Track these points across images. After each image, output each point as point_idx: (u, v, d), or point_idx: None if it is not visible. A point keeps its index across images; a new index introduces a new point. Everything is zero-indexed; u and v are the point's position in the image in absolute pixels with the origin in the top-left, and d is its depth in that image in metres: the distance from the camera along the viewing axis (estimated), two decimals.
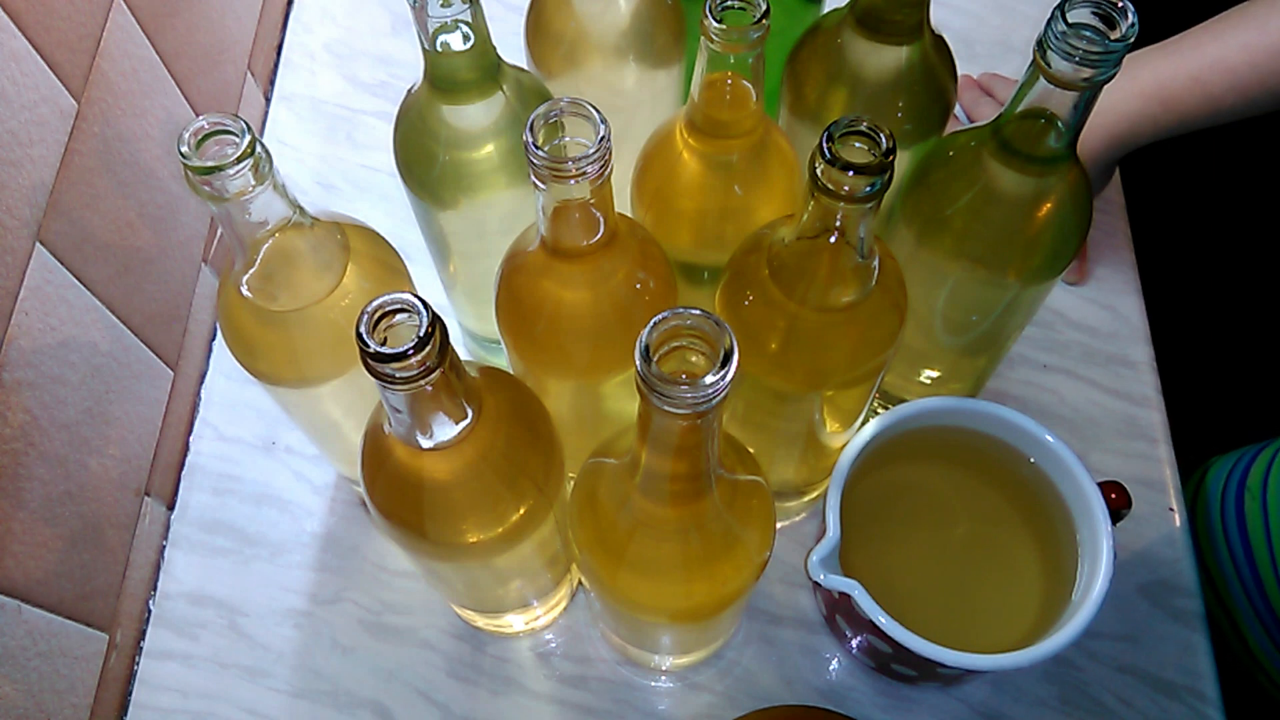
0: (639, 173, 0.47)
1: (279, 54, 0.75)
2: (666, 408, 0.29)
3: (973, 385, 0.58)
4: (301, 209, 0.38)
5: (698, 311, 0.29)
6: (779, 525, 0.48)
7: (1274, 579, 0.60)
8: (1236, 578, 0.63)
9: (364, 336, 0.29)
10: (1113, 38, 0.35)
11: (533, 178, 0.34)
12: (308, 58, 0.74)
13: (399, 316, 0.30)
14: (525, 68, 0.47)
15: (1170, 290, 0.81)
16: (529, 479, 0.39)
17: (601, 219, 0.37)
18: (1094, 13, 0.36)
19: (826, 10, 0.50)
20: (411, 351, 0.29)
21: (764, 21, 0.38)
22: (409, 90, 0.45)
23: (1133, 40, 0.35)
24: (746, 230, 0.43)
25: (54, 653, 0.47)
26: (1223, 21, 0.56)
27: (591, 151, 0.33)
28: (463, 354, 0.61)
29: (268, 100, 0.73)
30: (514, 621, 0.53)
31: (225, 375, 0.62)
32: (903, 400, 0.55)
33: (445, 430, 0.35)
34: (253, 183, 0.34)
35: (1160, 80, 0.56)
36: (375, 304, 0.30)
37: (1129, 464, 0.60)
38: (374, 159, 0.70)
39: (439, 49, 0.40)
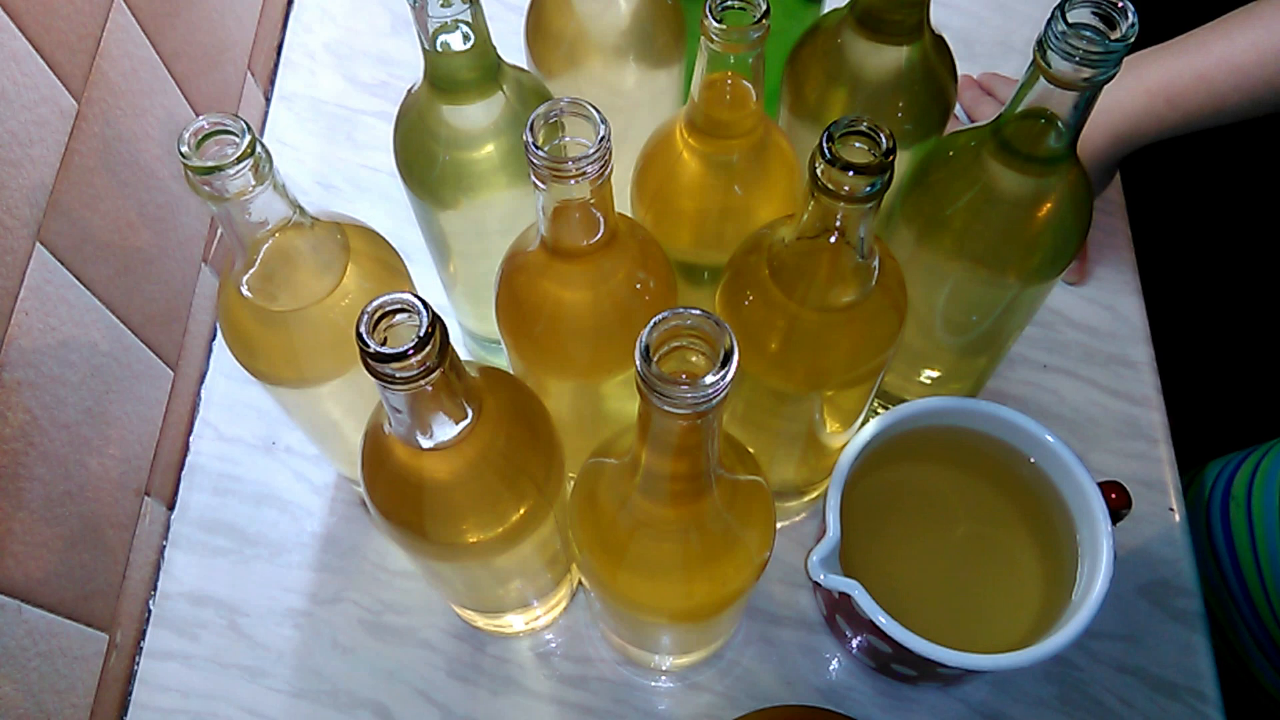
0: (639, 173, 0.47)
1: (279, 54, 0.75)
2: (666, 408, 0.29)
3: (973, 385, 0.58)
4: (301, 209, 0.38)
5: (698, 311, 0.29)
6: (779, 525, 0.48)
7: (1261, 590, 0.60)
8: (1226, 590, 0.63)
9: (364, 336, 0.29)
10: (1113, 38, 0.35)
11: (533, 178, 0.34)
12: (308, 58, 0.74)
13: (399, 316, 0.30)
14: (525, 68, 0.47)
15: (1170, 290, 0.81)
16: (529, 479, 0.39)
17: (601, 219, 0.37)
18: (1094, 13, 0.36)
19: (826, 10, 0.50)
20: (411, 351, 0.29)
21: (764, 21, 0.38)
22: (409, 90, 0.45)
23: (1133, 40, 0.35)
24: (746, 230, 0.43)
25: (54, 653, 0.47)
26: (1230, 21, 0.56)
27: (591, 151, 0.33)
28: (463, 354, 0.61)
29: (268, 100, 0.73)
30: (514, 621, 0.53)
31: (225, 375, 0.62)
32: (903, 400, 0.55)
33: (445, 430, 0.35)
34: (253, 183, 0.34)
35: (1166, 78, 0.56)
36: (375, 304, 0.30)
37: (1129, 464, 0.60)
38: (374, 159, 0.70)
39: (439, 49, 0.40)
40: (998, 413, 0.49)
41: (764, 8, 0.38)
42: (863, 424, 0.49)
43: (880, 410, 0.56)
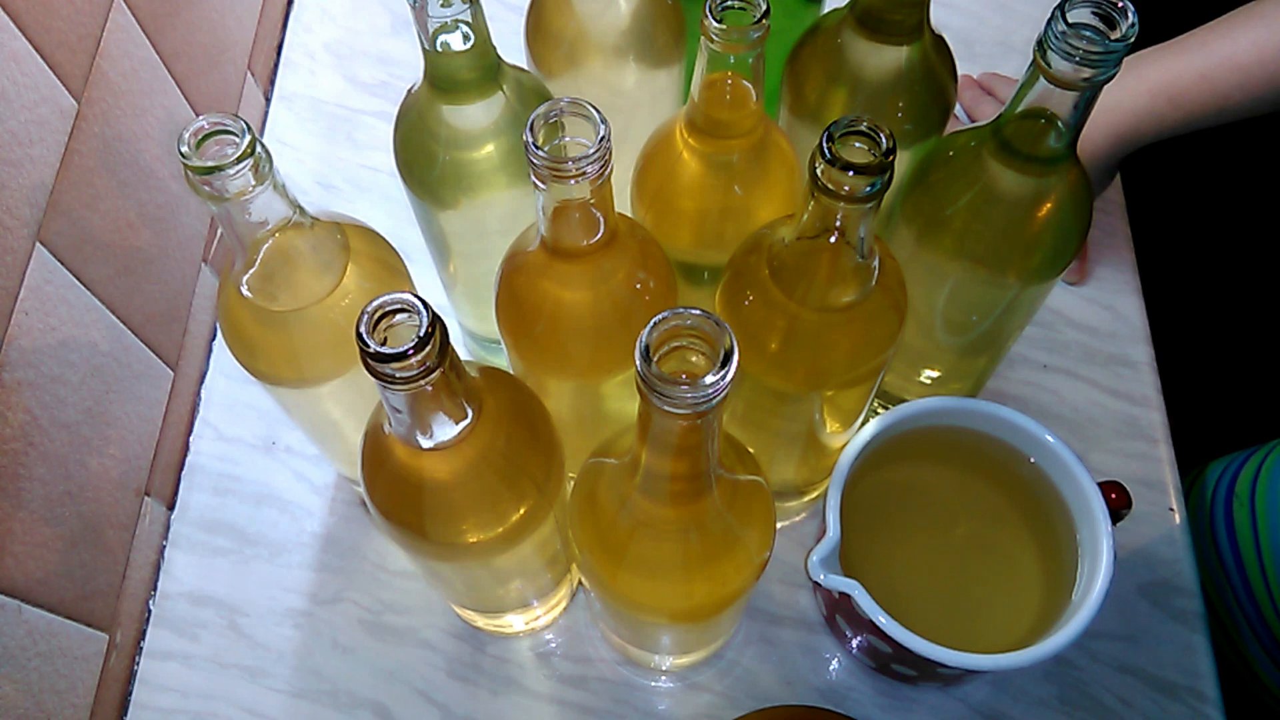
0: (639, 173, 0.47)
1: (279, 54, 0.75)
2: (666, 408, 0.29)
3: (973, 385, 0.58)
4: (301, 209, 0.38)
5: (698, 311, 0.29)
6: (779, 525, 0.48)
7: (1264, 589, 0.60)
8: (1229, 588, 0.63)
9: (364, 336, 0.29)
10: (1113, 38, 0.35)
11: (533, 178, 0.34)
12: (308, 58, 0.74)
13: (399, 316, 0.30)
14: (525, 68, 0.47)
15: (1170, 290, 0.81)
16: (529, 479, 0.39)
17: (601, 219, 0.37)
18: (1094, 13, 0.36)
19: (826, 10, 0.50)
20: (411, 351, 0.29)
21: (764, 21, 0.38)
22: (409, 90, 0.45)
23: (1133, 40, 0.35)
24: (746, 230, 0.43)
25: (54, 653, 0.47)
26: (1231, 20, 0.56)
27: (591, 151, 0.33)
28: (463, 354, 0.61)
29: (268, 100, 0.73)
30: (514, 621, 0.53)
31: (225, 375, 0.62)
32: (903, 400, 0.55)
33: (445, 430, 0.35)
34: (253, 183, 0.34)
35: (1168, 77, 0.56)
36: (375, 304, 0.30)
37: (1129, 464, 0.60)
38: (374, 159, 0.70)
39: (439, 49, 0.40)
40: (998, 413, 0.49)
41: (764, 8, 0.38)
42: (863, 424, 0.49)
43: (880, 410, 0.56)
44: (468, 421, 0.35)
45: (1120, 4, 0.35)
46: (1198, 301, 1.08)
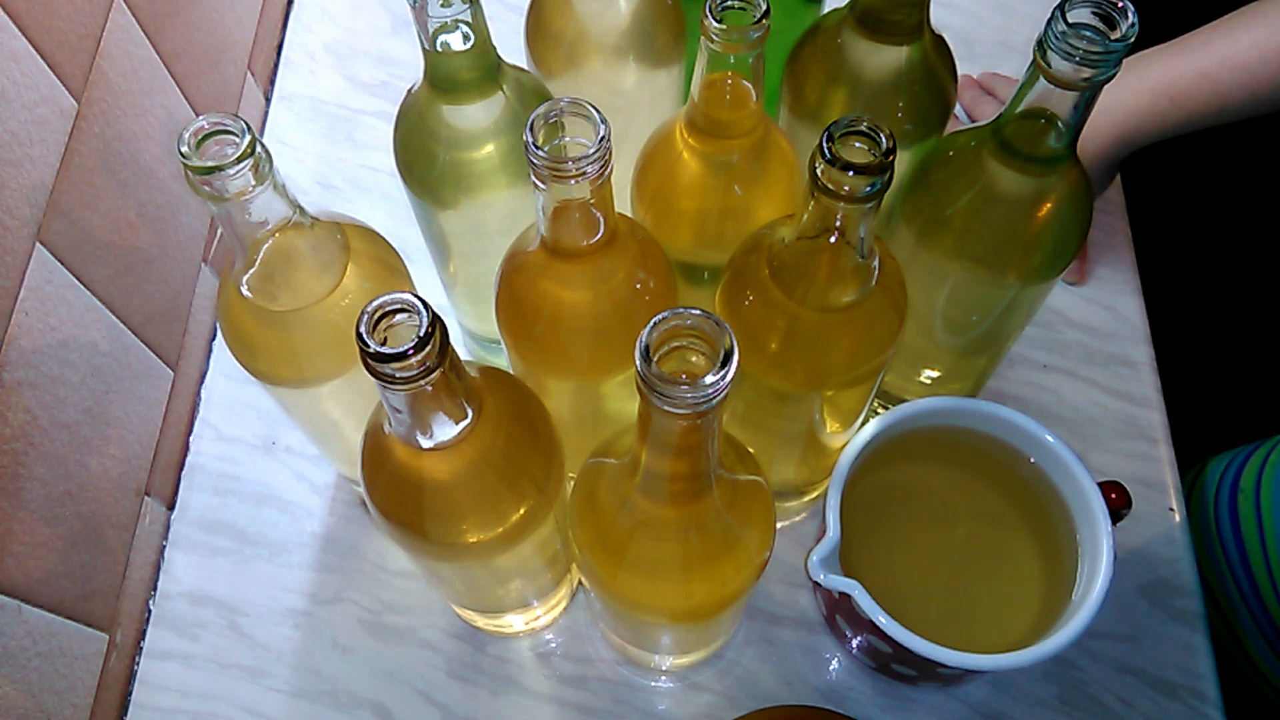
0: (639, 173, 0.47)
1: (279, 54, 0.75)
2: (666, 408, 0.29)
3: (973, 385, 0.58)
4: (301, 209, 0.38)
5: (698, 311, 0.29)
6: (779, 525, 0.48)
7: (1269, 583, 0.60)
8: (1233, 582, 0.63)
9: (364, 336, 0.29)
10: (1113, 38, 0.35)
11: (533, 178, 0.34)
12: (308, 58, 0.74)
13: (399, 316, 0.30)
14: (525, 68, 0.47)
15: (1170, 290, 0.81)
16: (529, 479, 0.39)
17: (601, 219, 0.37)
18: (1094, 13, 0.36)
19: (826, 10, 0.50)
20: (411, 351, 0.29)
21: (764, 21, 0.38)
22: (409, 90, 0.45)
23: (1133, 40, 0.35)
24: (746, 230, 0.43)
25: (54, 653, 0.47)
26: (1233, 19, 0.56)
27: (591, 151, 0.33)
28: (463, 354, 0.61)
29: (268, 100, 0.73)
30: (514, 621, 0.53)
31: (225, 375, 0.62)
32: (903, 400, 0.55)
33: (445, 430, 0.35)
34: (253, 183, 0.34)
35: (1170, 77, 0.56)
36: (375, 304, 0.30)
37: (1129, 464, 0.60)
38: (374, 159, 0.70)
39: (439, 49, 0.40)
40: (998, 413, 0.49)
41: (764, 8, 0.38)
42: (863, 424, 0.49)
43: (880, 410, 0.56)
44: (468, 421, 0.35)
45: (1120, 4, 0.35)
46: (1198, 301, 1.08)
